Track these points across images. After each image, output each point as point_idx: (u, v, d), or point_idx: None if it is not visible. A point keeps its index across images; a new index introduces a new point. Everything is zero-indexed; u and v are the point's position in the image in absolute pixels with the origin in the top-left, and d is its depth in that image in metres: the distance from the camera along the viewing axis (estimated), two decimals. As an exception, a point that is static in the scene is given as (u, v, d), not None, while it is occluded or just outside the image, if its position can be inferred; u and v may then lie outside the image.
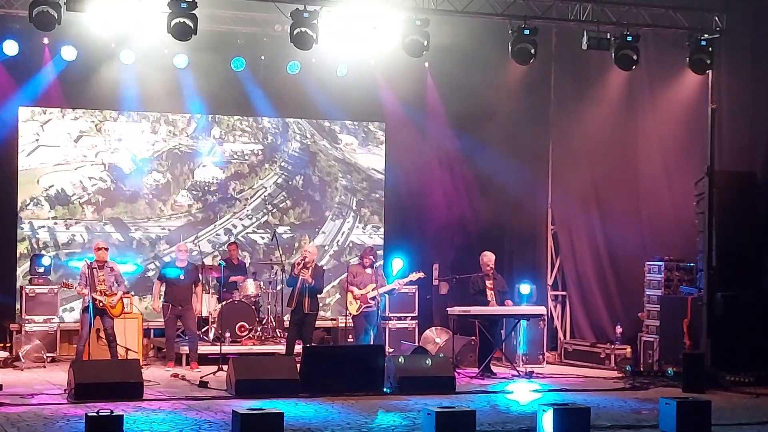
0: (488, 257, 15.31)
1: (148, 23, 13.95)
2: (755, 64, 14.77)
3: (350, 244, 18.22)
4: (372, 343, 15.07)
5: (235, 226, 17.64)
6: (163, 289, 15.29)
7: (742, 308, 14.47)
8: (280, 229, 17.64)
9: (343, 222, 18.24)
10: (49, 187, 16.74)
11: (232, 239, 17.33)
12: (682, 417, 10.53)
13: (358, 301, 15.16)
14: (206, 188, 17.56)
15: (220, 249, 17.39)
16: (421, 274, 15.93)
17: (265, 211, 17.84)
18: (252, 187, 17.79)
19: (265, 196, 17.84)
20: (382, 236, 18.24)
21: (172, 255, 16.29)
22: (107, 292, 13.99)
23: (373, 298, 15.22)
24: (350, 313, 15.22)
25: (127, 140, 17.09)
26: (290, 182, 18.00)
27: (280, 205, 17.95)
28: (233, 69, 16.81)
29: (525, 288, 16.70)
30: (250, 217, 17.76)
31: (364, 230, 18.29)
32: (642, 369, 15.25)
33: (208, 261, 16.89)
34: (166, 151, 17.33)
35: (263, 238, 17.71)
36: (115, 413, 9.42)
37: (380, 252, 17.66)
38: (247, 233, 17.73)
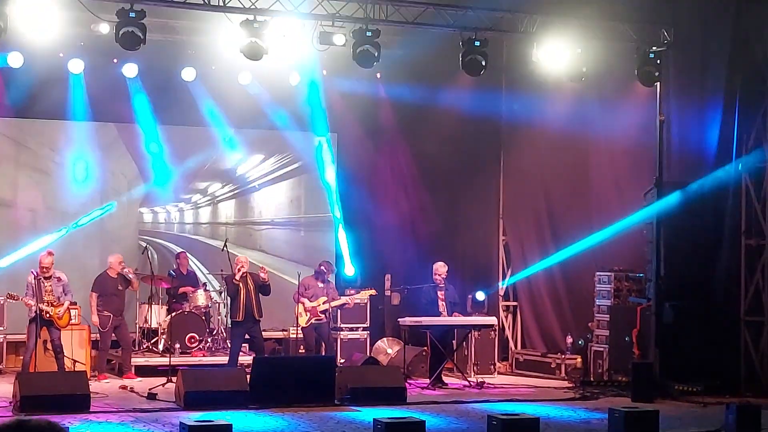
0: (440, 267, 15.33)
1: (96, 32, 13.82)
2: (703, 76, 14.92)
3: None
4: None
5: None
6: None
7: (691, 318, 14.58)
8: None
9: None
10: None
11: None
12: (630, 427, 10.59)
13: (308, 314, 15.10)
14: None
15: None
16: (373, 292, 16.06)
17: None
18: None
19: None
20: (333, 246, 18.13)
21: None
22: (54, 303, 13.83)
23: (324, 312, 15.17)
24: (300, 325, 15.15)
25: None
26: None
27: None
28: (183, 79, 16.70)
29: (480, 295, 16.78)
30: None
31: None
32: (592, 379, 15.35)
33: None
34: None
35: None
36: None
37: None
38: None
